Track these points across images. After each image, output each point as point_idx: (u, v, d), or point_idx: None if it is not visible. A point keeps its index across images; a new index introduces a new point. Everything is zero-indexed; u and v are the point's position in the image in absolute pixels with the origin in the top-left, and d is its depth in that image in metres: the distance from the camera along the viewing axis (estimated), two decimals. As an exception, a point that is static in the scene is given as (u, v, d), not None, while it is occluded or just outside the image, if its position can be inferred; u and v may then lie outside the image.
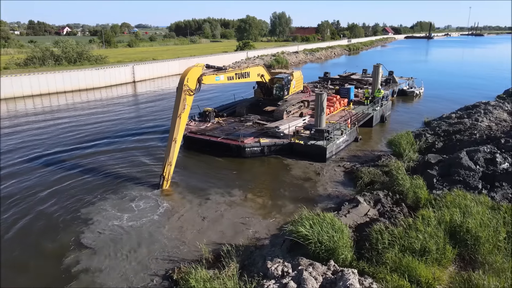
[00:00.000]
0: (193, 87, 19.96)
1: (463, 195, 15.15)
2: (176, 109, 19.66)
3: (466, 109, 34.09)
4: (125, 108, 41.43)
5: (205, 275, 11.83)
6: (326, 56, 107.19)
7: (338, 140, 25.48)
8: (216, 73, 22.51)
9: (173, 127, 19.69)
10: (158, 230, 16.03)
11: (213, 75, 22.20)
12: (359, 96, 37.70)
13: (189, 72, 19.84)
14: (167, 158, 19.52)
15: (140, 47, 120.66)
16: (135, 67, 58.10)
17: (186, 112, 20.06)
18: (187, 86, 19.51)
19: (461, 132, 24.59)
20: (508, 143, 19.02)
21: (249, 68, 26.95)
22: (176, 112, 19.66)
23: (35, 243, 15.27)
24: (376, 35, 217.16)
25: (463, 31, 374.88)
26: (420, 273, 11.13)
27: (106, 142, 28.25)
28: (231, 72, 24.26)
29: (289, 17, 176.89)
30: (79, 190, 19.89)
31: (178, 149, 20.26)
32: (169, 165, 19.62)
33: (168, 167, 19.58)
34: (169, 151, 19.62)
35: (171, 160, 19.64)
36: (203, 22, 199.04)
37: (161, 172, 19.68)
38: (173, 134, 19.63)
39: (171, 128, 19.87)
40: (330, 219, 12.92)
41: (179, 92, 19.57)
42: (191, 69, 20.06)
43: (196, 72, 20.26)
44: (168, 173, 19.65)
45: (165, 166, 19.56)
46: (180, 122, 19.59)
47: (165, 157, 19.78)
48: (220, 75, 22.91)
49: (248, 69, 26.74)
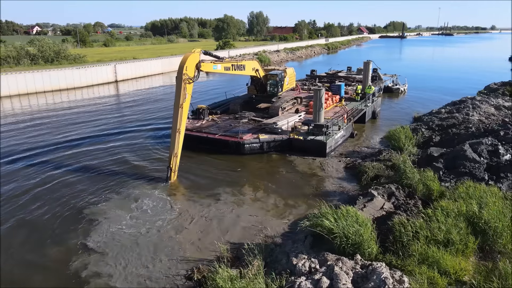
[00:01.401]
0: (192, 75, 19.50)
1: (474, 186, 15.37)
2: (177, 99, 19.20)
3: (453, 104, 34.91)
4: (109, 107, 40.14)
5: (231, 274, 11.43)
6: (306, 54, 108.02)
7: (336, 136, 25.51)
8: (214, 62, 22.36)
9: (175, 117, 19.24)
10: (167, 230, 15.48)
11: (211, 64, 22.04)
12: (349, 93, 38.01)
13: (187, 60, 19.29)
14: (173, 150, 19.14)
15: (117, 46, 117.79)
16: (117, 66, 56.51)
17: (188, 101, 19.66)
18: (186, 75, 19.03)
19: (456, 126, 25.10)
20: (508, 135, 19.50)
21: (244, 61, 26.87)
22: (177, 102, 19.20)
23: (39, 247, 14.42)
24: (352, 34, 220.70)
25: (433, 31, 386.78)
26: (448, 264, 11.15)
27: (97, 141, 27.25)
28: (228, 63, 24.25)
29: (266, 17, 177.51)
30: (78, 192, 19.03)
31: (182, 140, 19.84)
32: (175, 157, 19.28)
33: (175, 159, 19.25)
34: (174, 142, 19.21)
35: (176, 151, 19.26)
36: (179, 21, 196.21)
37: (168, 164, 19.34)
38: (177, 124, 19.19)
39: (174, 119, 19.41)
40: (353, 213, 12.77)
41: (178, 81, 19.07)
42: (189, 56, 19.52)
43: (194, 59, 19.78)
44: (174, 164, 19.31)
45: (171, 158, 19.21)
46: (182, 112, 19.18)
47: (171, 148, 19.40)
48: (218, 64, 22.78)
49: (244, 62, 26.65)
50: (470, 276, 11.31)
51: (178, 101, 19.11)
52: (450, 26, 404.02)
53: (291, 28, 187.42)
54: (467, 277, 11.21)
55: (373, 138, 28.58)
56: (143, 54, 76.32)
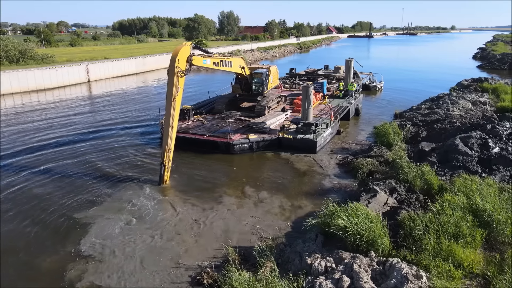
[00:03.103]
0: (183, 68, 19.10)
1: (471, 179, 15.70)
2: (170, 93, 18.64)
3: (431, 100, 35.90)
4: (83, 108, 38.48)
5: (246, 276, 11.02)
6: (280, 54, 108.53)
7: (325, 133, 25.56)
8: (204, 56, 22.28)
9: (168, 112, 18.65)
10: (167, 234, 14.85)
11: (201, 58, 21.99)
12: (330, 90, 38.32)
13: (179, 53, 18.82)
14: (166, 145, 18.52)
15: (84, 46, 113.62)
16: (89, 66, 54.38)
17: (180, 95, 19.13)
18: (178, 68, 18.55)
19: (440, 121, 25.75)
20: (495, 129, 20.14)
21: (231, 58, 26.83)
22: (170, 96, 18.63)
23: (30, 258, 13.41)
24: (321, 34, 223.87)
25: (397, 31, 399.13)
26: (461, 257, 11.25)
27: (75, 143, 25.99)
28: (217, 58, 24.39)
29: (237, 16, 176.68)
30: (66, 196, 17.98)
31: (175, 134, 19.28)
32: (169, 152, 18.67)
33: (168, 154, 18.64)
34: (167, 138, 18.62)
35: (170, 147, 18.67)
36: (148, 21, 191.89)
37: (161, 161, 18.68)
38: (169, 119, 18.59)
39: (166, 114, 18.81)
40: (363, 210, 12.67)
41: (170, 75, 18.57)
42: (181, 49, 19.06)
43: (185, 52, 19.38)
44: (168, 160, 18.70)
45: (164, 154, 18.58)
46: (175, 106, 18.61)
47: (163, 144, 18.80)
48: (207, 59, 22.89)
49: (231, 59, 26.63)
50: (482, 268, 11.45)
51: (170, 95, 18.56)
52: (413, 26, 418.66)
53: (262, 28, 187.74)
54: (478, 269, 11.35)
55: (359, 134, 28.86)
56: (114, 54, 73.92)
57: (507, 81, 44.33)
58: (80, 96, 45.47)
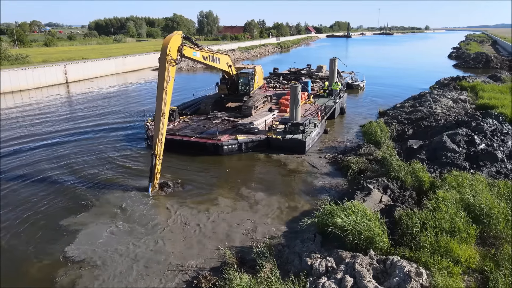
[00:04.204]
0: (175, 57, 18.84)
1: (461, 175, 15.98)
2: (161, 81, 18.25)
3: (414, 98, 36.56)
4: (62, 109, 37.29)
5: (246, 279, 10.82)
6: (260, 53, 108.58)
7: (313, 133, 25.59)
8: (193, 48, 21.91)
9: (159, 101, 18.22)
10: (160, 238, 14.47)
11: (191, 49, 21.65)
12: (314, 89, 38.49)
13: (170, 41, 18.47)
14: (157, 135, 18.11)
15: (60, 46, 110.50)
16: (67, 66, 52.85)
17: (171, 84, 18.76)
18: (170, 56, 18.25)
19: (425, 119, 26.20)
20: (479, 126, 20.62)
21: (219, 54, 26.58)
22: (161, 85, 18.22)
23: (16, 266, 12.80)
24: (300, 34, 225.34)
25: (374, 31, 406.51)
26: (458, 253, 11.39)
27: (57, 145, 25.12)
28: (206, 52, 24.00)
29: (216, 16, 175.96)
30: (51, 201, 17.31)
31: (166, 124, 18.99)
32: (160, 143, 18.27)
33: (159, 145, 18.23)
34: (158, 128, 18.19)
35: (161, 137, 18.31)
36: (126, 20, 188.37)
37: (152, 151, 18.19)
38: (161, 108, 18.16)
39: (158, 103, 18.37)
40: (361, 208, 12.67)
41: (162, 63, 18.22)
42: (172, 38, 18.72)
43: (176, 40, 19.05)
44: (159, 151, 18.28)
45: (155, 144, 18.14)
46: (166, 95, 18.24)
47: (155, 134, 18.34)
48: (197, 51, 22.55)
49: (219, 55, 26.40)
50: (478, 263, 11.61)
51: (162, 84, 18.16)
52: (389, 26, 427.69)
53: (241, 28, 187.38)
54: (475, 265, 11.51)
55: (346, 133, 29.05)
56: (92, 54, 72.16)
57: (484, 79, 45.69)
58: (59, 97, 44.05)
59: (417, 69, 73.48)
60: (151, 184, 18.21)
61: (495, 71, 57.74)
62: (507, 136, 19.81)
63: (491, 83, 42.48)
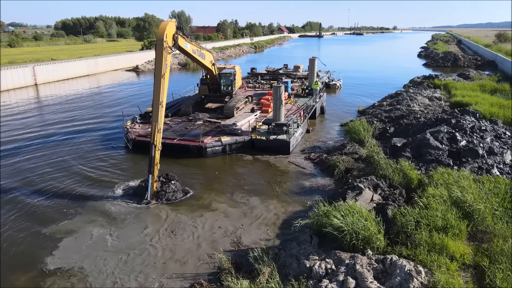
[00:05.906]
0: (171, 44, 18.70)
1: (447, 172, 16.31)
2: (158, 69, 17.84)
3: (391, 97, 37.27)
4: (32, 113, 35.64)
5: (246, 285, 10.54)
6: (235, 53, 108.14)
7: (297, 133, 25.56)
8: (185, 39, 21.70)
9: (157, 90, 17.75)
10: (152, 245, 13.96)
11: (184, 40, 21.39)
12: (294, 89, 38.57)
13: (166, 27, 18.31)
14: (156, 125, 17.58)
15: (25, 47, 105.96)
16: (36, 68, 50.57)
17: (168, 72, 18.34)
18: (166, 43, 17.97)
19: (405, 117, 26.71)
20: (459, 123, 21.18)
21: (205, 51, 26.40)
22: (158, 72, 17.80)
23: None
24: (273, 34, 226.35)
25: (344, 31, 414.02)
26: (453, 249, 11.54)
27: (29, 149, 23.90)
28: (195, 46, 23.96)
29: (189, 16, 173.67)
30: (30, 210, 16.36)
31: (164, 113, 18.58)
32: (159, 132, 17.74)
33: (158, 134, 17.70)
34: (156, 117, 17.72)
35: (160, 126, 17.80)
36: (95, 20, 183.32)
37: (151, 141, 17.59)
38: (159, 97, 17.68)
39: (155, 92, 17.87)
40: (358, 208, 12.65)
41: (159, 50, 17.85)
42: (167, 25, 18.56)
43: (172, 28, 18.95)
44: (158, 141, 17.73)
45: (154, 134, 17.56)
46: (164, 83, 17.79)
47: (153, 123, 17.80)
48: (188, 43, 22.42)
49: (205, 51, 26.23)
50: (471, 259, 11.81)
51: (159, 72, 17.70)
52: (359, 27, 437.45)
53: (214, 28, 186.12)
54: (469, 260, 11.70)
55: (328, 132, 29.23)
56: (61, 55, 69.58)
57: (454, 78, 47.29)
58: (27, 100, 42.05)
59: (389, 68, 75.20)
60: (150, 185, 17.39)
61: (463, 70, 59.95)
62: (486, 132, 20.45)
63: (461, 81, 43.96)
